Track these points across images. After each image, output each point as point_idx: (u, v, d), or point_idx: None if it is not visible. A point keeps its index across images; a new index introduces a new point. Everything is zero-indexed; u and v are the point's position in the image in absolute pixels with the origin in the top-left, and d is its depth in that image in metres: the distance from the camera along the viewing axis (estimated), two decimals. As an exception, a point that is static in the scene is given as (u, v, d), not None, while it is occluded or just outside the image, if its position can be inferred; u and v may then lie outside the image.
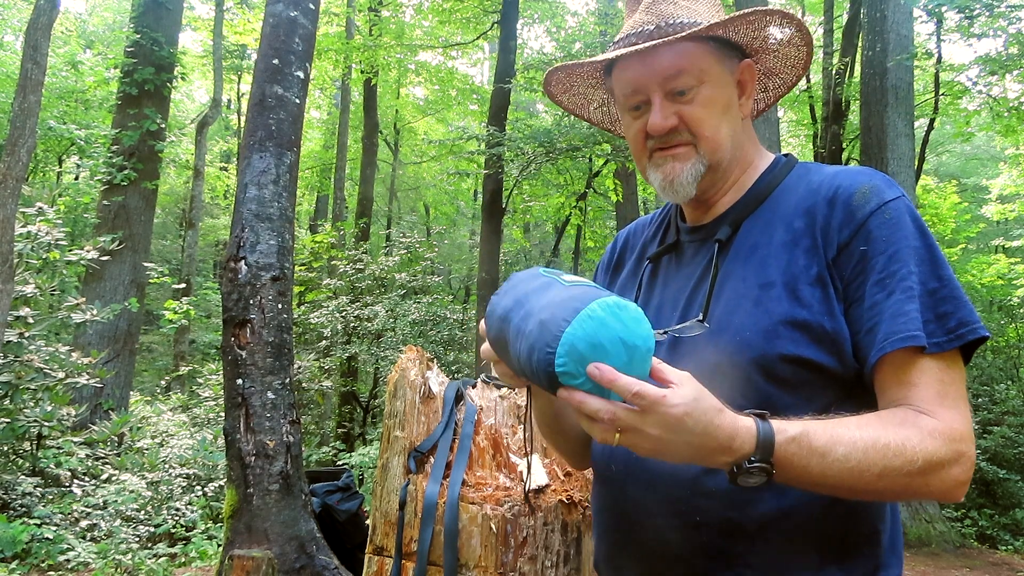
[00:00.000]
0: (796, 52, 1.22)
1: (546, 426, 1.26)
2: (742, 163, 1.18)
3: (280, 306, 4.17)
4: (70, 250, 6.76)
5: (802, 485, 0.93)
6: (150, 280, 9.20)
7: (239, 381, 4.00)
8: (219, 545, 4.93)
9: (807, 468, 0.89)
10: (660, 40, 1.07)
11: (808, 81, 13.26)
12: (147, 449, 6.99)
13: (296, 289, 11.03)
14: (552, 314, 0.85)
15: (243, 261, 4.14)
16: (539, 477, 1.91)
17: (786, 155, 1.21)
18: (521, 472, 1.96)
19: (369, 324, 9.74)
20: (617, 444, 0.85)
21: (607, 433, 0.84)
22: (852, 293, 1.01)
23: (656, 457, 0.88)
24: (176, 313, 8.62)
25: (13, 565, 4.78)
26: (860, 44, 9.99)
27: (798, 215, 1.08)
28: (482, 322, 1.04)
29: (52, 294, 6.69)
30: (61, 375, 6.02)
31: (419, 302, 10.33)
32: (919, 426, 0.92)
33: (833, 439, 0.90)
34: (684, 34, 1.08)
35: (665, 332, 1.09)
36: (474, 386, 2.24)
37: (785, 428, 0.89)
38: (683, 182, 1.12)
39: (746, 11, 1.10)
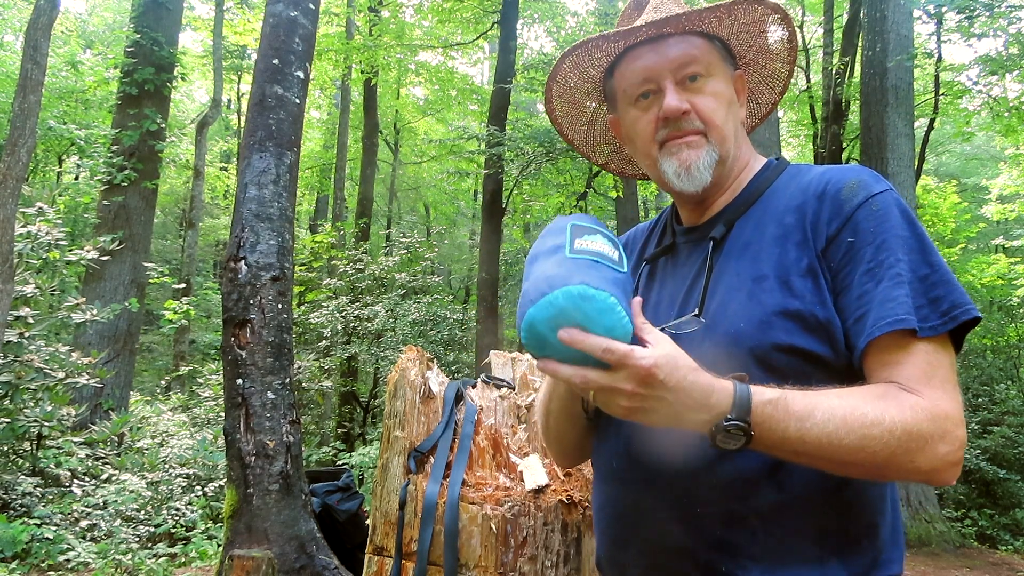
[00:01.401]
0: (780, 68, 1.27)
1: (550, 415, 1.27)
2: (739, 164, 1.22)
3: (280, 306, 4.17)
4: (70, 250, 6.76)
5: (782, 452, 0.93)
6: (150, 280, 9.19)
7: (239, 381, 4.00)
8: (219, 545, 4.93)
9: (785, 432, 0.91)
10: (680, 12, 1.11)
11: (808, 81, 13.27)
12: (147, 449, 6.99)
13: (296, 289, 11.03)
14: (528, 289, 0.93)
15: (243, 261, 4.14)
16: (539, 477, 1.91)
17: (777, 158, 1.25)
18: (521, 472, 1.96)
19: (369, 324, 9.74)
20: (595, 404, 0.92)
21: (586, 393, 0.90)
22: (840, 282, 1.03)
23: (635, 419, 0.92)
24: (176, 313, 8.62)
25: (13, 565, 4.78)
26: (860, 44, 9.99)
27: (789, 212, 1.11)
28: None
29: (52, 294, 6.69)
30: (61, 375, 6.02)
31: (419, 302, 10.33)
32: (900, 399, 0.93)
33: (811, 405, 0.92)
34: (701, 8, 1.13)
35: (662, 328, 1.11)
36: (474, 386, 2.24)
37: (763, 391, 0.92)
38: (700, 167, 1.15)
39: None
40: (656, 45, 1.14)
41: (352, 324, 9.92)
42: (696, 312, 1.09)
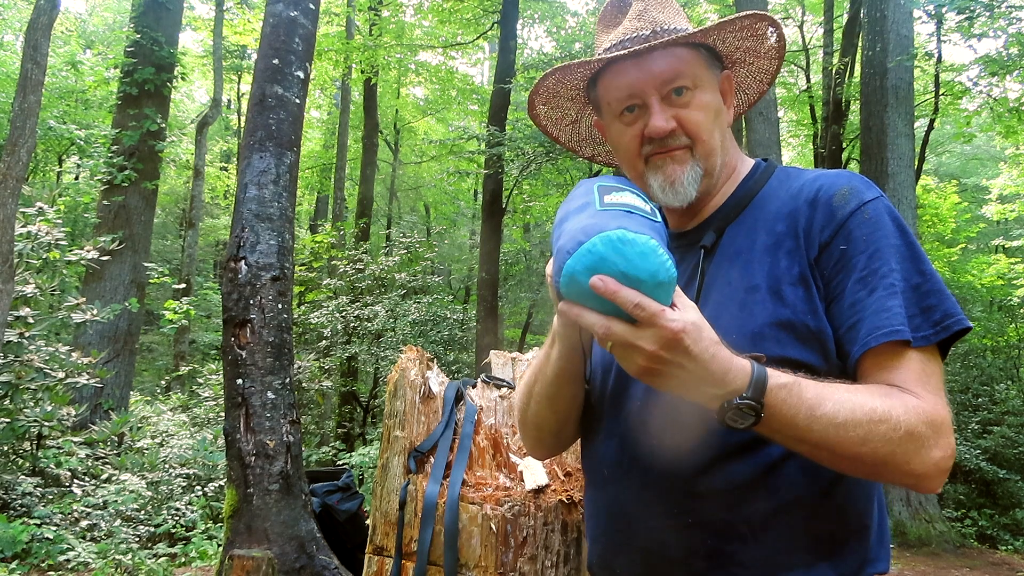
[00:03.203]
0: (768, 64, 1.26)
1: (532, 397, 1.23)
2: (727, 169, 1.21)
3: (280, 306, 4.17)
4: (70, 250, 6.75)
5: (786, 437, 0.93)
6: (150, 280, 9.19)
7: (239, 381, 3.99)
8: (219, 545, 4.93)
9: (794, 417, 0.90)
10: (665, 39, 1.10)
11: (808, 81, 13.27)
12: (147, 449, 6.99)
13: (296, 289, 11.02)
14: (565, 242, 0.88)
15: (243, 261, 4.14)
16: (539, 477, 1.90)
17: (764, 160, 1.24)
18: (521, 472, 1.96)
19: (369, 324, 9.73)
20: (611, 351, 0.88)
21: (604, 344, 0.87)
22: (832, 291, 1.03)
23: (646, 379, 0.89)
24: (176, 313, 8.60)
25: (13, 565, 4.77)
26: (860, 44, 10.00)
27: (780, 219, 1.10)
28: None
29: (52, 294, 6.68)
30: (61, 375, 6.01)
31: (419, 302, 10.33)
32: (904, 400, 0.94)
33: (822, 395, 0.92)
34: (686, 33, 1.11)
35: None
36: (474, 386, 2.24)
37: (778, 375, 0.91)
38: (685, 182, 1.14)
39: (741, 15, 1.14)
40: (639, 60, 1.11)
41: (352, 324, 9.92)
42: None
